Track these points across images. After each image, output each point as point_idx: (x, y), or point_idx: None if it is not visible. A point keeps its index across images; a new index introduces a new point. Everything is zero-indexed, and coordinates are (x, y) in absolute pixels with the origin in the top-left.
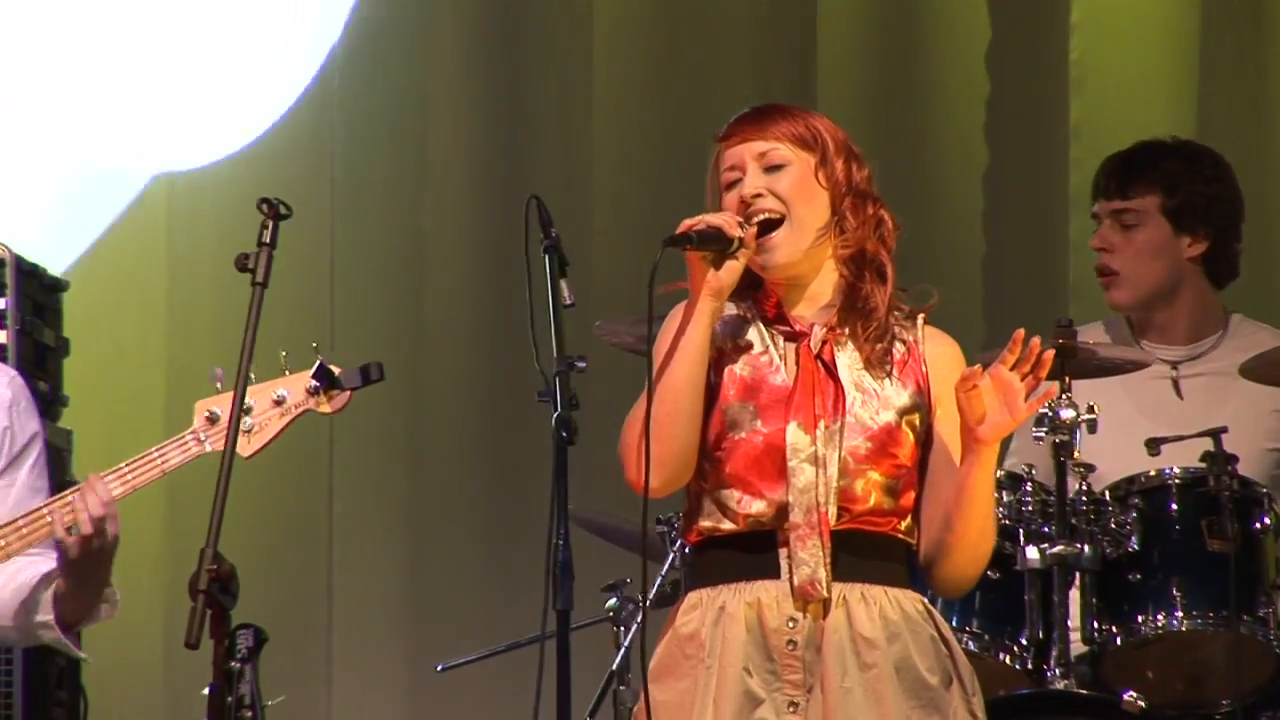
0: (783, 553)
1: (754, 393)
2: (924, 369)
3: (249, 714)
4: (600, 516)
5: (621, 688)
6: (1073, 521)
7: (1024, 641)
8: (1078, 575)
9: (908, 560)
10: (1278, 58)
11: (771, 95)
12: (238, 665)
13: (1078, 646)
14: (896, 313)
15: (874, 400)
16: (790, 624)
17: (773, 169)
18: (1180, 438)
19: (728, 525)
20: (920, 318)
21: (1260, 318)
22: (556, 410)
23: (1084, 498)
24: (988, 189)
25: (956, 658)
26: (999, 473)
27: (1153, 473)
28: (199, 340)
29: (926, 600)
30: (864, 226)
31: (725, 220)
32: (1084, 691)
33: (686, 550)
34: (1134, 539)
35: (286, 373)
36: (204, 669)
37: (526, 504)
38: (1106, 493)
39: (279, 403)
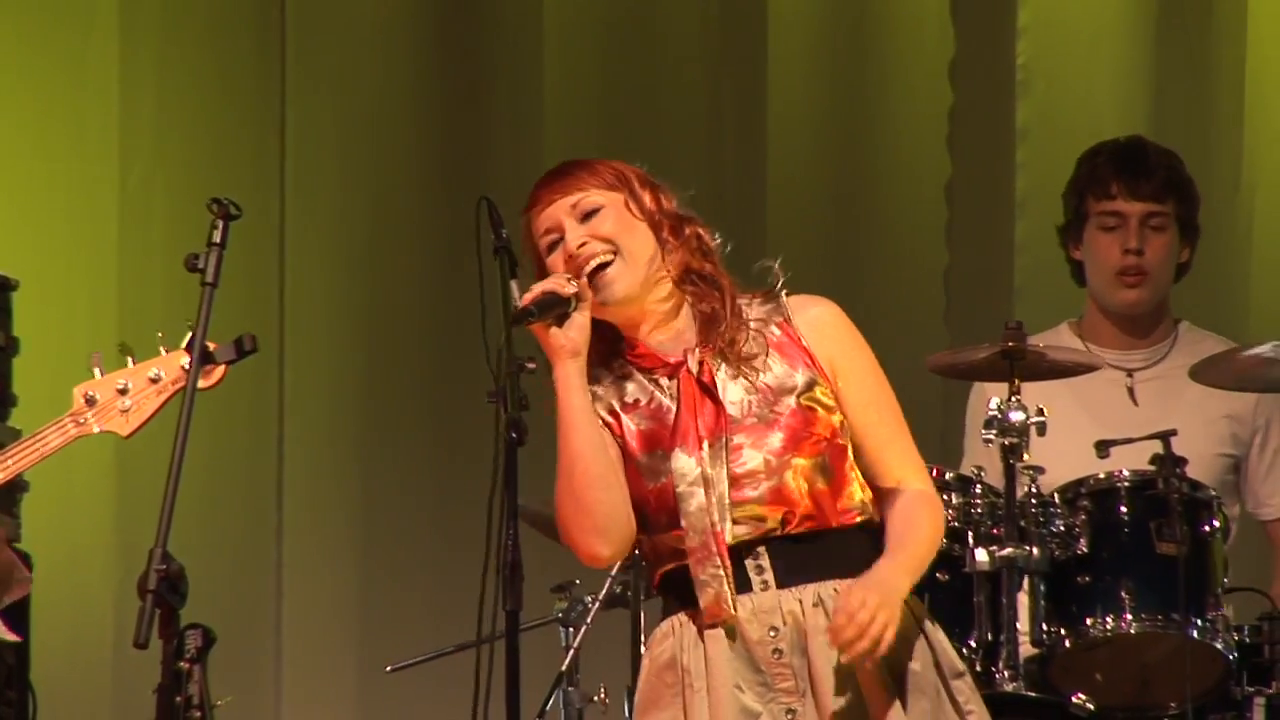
0: (750, 565)
1: (657, 440)
2: (803, 341)
3: (197, 714)
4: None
5: (570, 689)
6: (1022, 524)
7: (973, 644)
8: (1026, 578)
9: (877, 544)
10: (1227, 59)
11: (721, 98)
12: (186, 665)
13: (1026, 649)
14: (754, 304)
15: (769, 394)
16: (772, 633)
17: (588, 216)
18: (1129, 440)
19: (679, 563)
20: (782, 295)
21: (1204, 320)
22: (505, 411)
23: (1033, 500)
24: (949, 197)
25: (935, 643)
26: (948, 475)
27: (1102, 475)
28: (151, 339)
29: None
30: (684, 246)
31: (555, 282)
32: (1032, 694)
33: (634, 554)
34: (1083, 541)
35: (162, 351)
36: (153, 668)
37: (476, 504)
38: (1055, 495)
39: (154, 381)
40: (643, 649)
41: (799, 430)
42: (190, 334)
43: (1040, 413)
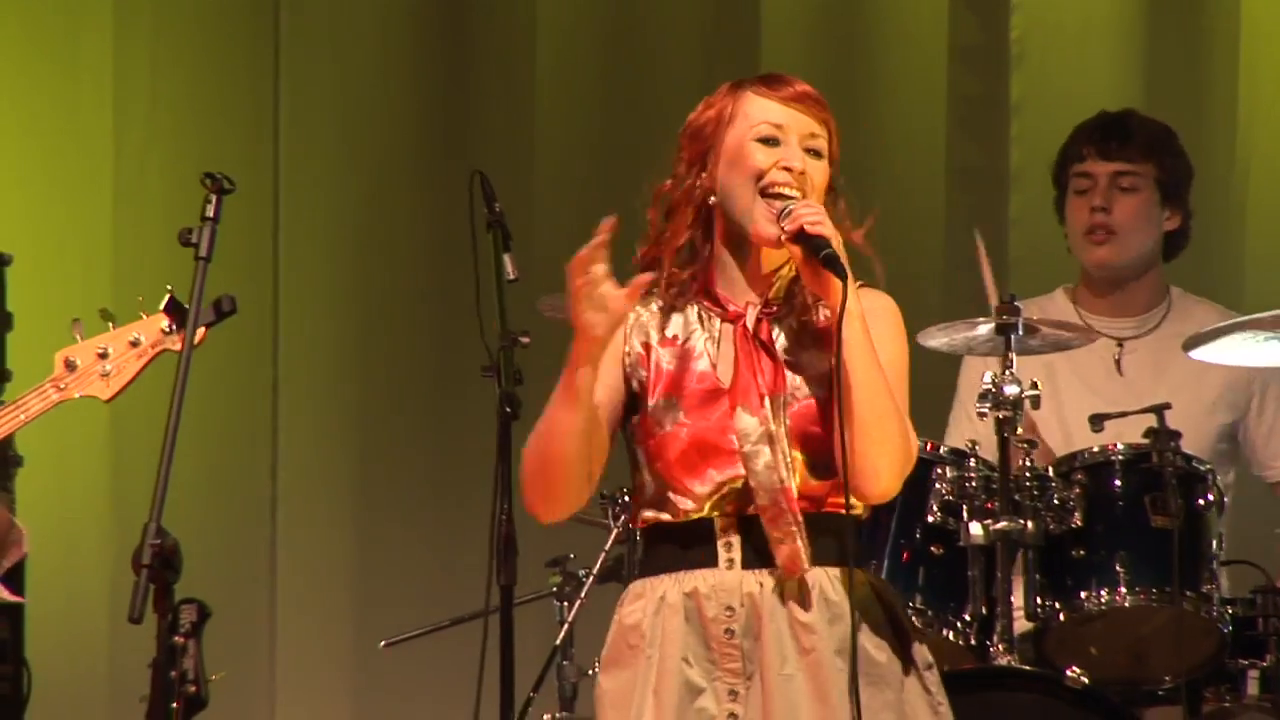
0: (720, 542)
1: (677, 386)
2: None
3: (192, 688)
4: None
5: (565, 663)
6: (1016, 498)
7: (967, 617)
8: (1021, 551)
9: (855, 537)
10: (1221, 33)
11: (714, 71)
12: (181, 640)
13: (1021, 623)
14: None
15: (796, 377)
16: (728, 613)
17: (810, 152)
18: (1123, 414)
19: (666, 517)
20: (853, 284)
21: (1197, 291)
22: (500, 385)
23: (1027, 474)
24: (949, 175)
25: (904, 633)
26: (942, 449)
27: (1096, 449)
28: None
29: (875, 577)
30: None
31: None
32: (1027, 667)
33: (629, 529)
34: (1077, 515)
35: (143, 315)
36: (148, 643)
37: (471, 479)
38: (1050, 469)
39: (134, 344)
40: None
41: (803, 424)
42: (169, 295)
43: (1034, 386)
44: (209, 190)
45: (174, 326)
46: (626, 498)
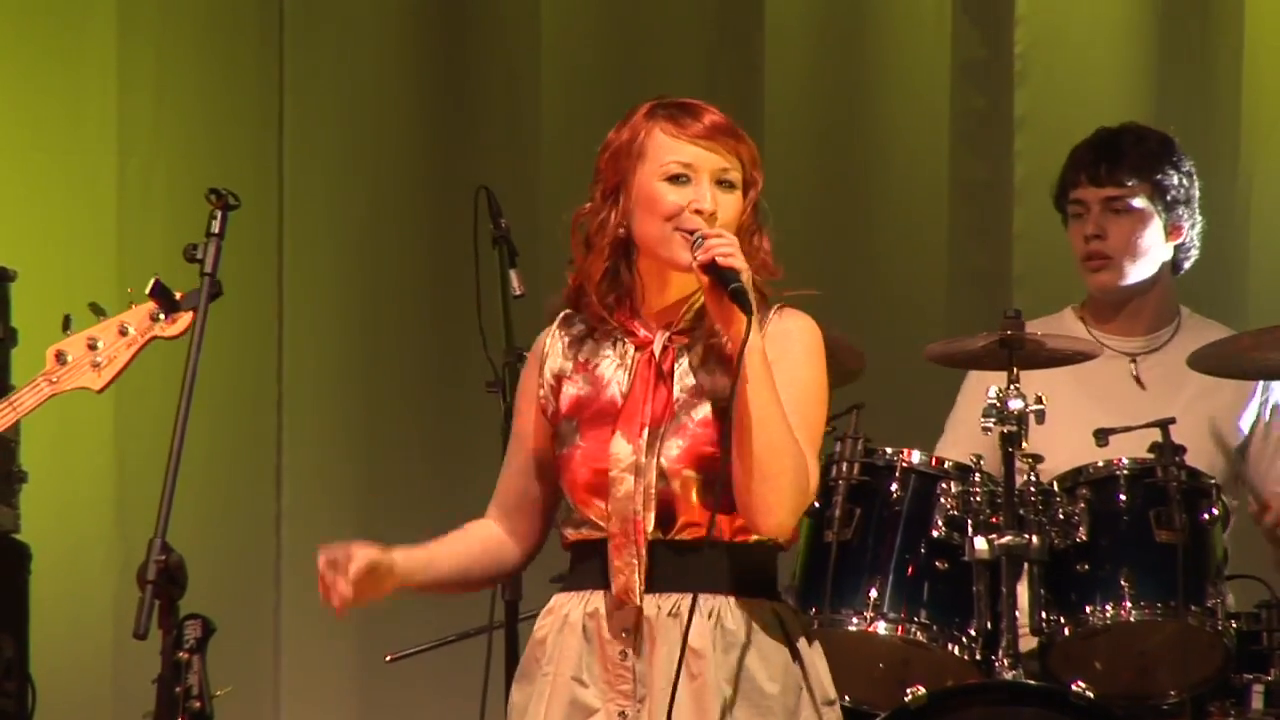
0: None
1: (581, 408)
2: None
3: (197, 704)
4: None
5: None
6: (1021, 512)
7: (972, 632)
8: (1026, 566)
9: (761, 565)
10: (1225, 47)
11: (718, 85)
12: (186, 655)
13: (1026, 637)
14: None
15: (698, 397)
16: (624, 634)
17: (722, 184)
18: (1129, 429)
19: (570, 533)
20: (774, 307)
21: (1203, 308)
22: (505, 400)
23: (1032, 489)
24: (952, 189)
25: (808, 666)
26: (947, 464)
27: (1101, 464)
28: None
29: (785, 608)
30: (754, 258)
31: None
32: (1032, 682)
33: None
34: (1082, 530)
35: (132, 306)
36: (153, 659)
37: (475, 494)
38: (1055, 484)
39: (124, 333)
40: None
41: (699, 442)
42: (154, 280)
43: (1039, 400)
44: (214, 206)
45: (162, 312)
46: None
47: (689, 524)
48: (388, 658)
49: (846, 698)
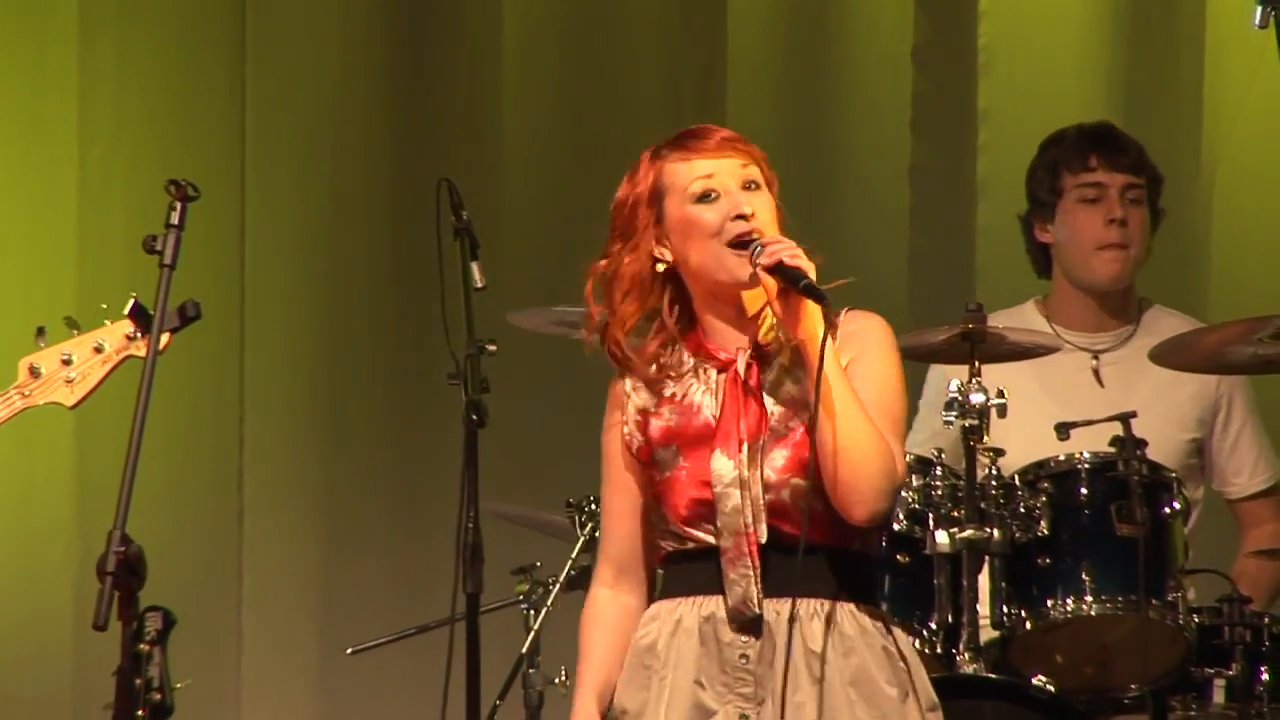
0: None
1: (676, 435)
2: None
3: (157, 696)
4: (520, 510)
5: (531, 671)
6: (982, 506)
7: (933, 625)
8: (987, 559)
9: (866, 574)
10: (1187, 39)
11: (681, 80)
12: (146, 647)
13: (987, 631)
14: None
15: (792, 407)
16: (744, 639)
17: (749, 186)
18: (1089, 422)
19: (671, 545)
20: (842, 312)
21: (1171, 302)
22: (466, 393)
23: (993, 482)
24: (913, 182)
25: (913, 671)
26: (908, 456)
27: (1062, 457)
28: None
29: (885, 613)
30: None
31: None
32: (993, 676)
33: (594, 537)
34: (1043, 523)
35: (107, 322)
36: (112, 651)
37: (437, 488)
38: (1016, 477)
39: (99, 350)
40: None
41: (804, 449)
42: (132, 301)
43: (1000, 394)
44: (173, 197)
45: (138, 332)
46: (593, 505)
47: (797, 531)
48: (349, 650)
49: None
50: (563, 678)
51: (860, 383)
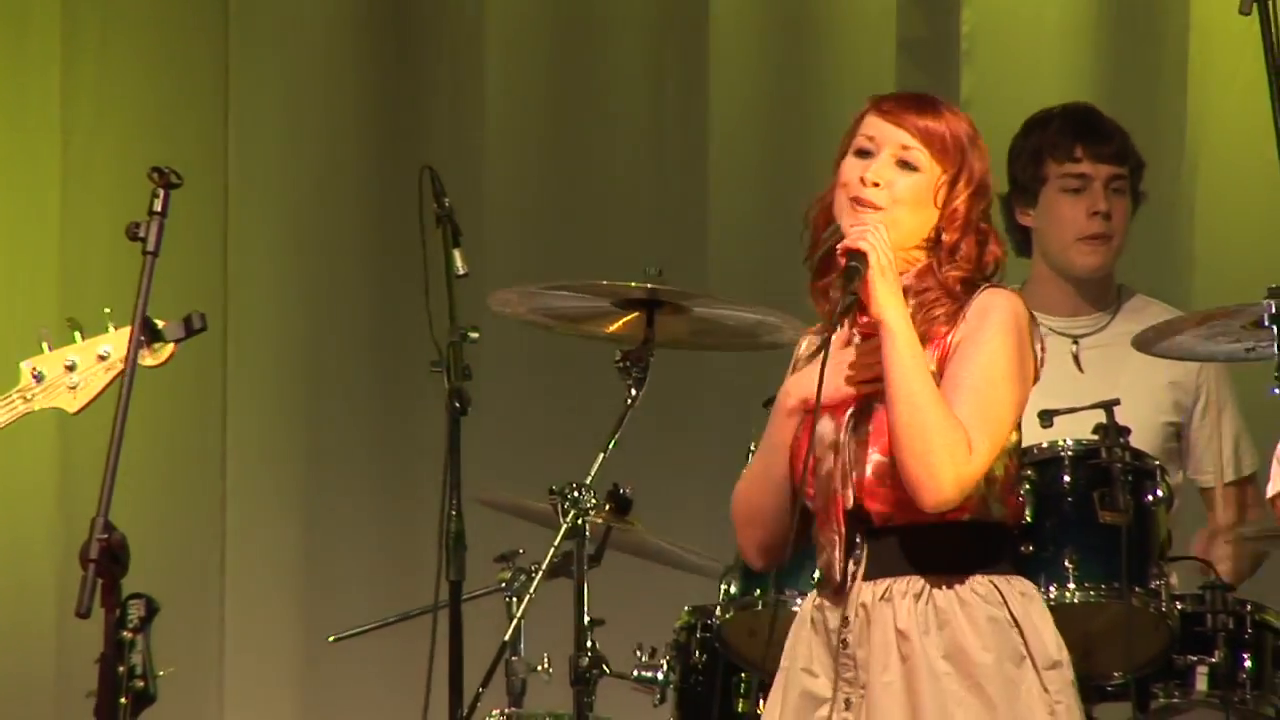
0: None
1: (806, 402)
2: (955, 335)
3: (140, 684)
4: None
5: (514, 658)
6: None
7: None
8: None
9: (974, 543)
10: (1171, 28)
11: (664, 67)
12: (129, 634)
13: None
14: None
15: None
16: (844, 623)
17: (904, 165)
18: (1073, 410)
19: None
20: (982, 286)
21: (1148, 290)
22: (449, 380)
23: None
24: None
25: (1028, 632)
26: None
27: (1045, 445)
28: (91, 309)
29: (1007, 580)
30: (950, 255)
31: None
32: None
33: (580, 523)
34: (1026, 511)
35: (111, 328)
36: (95, 638)
37: (421, 475)
38: None
39: (103, 358)
40: (585, 619)
41: (882, 423)
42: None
43: None
44: (156, 185)
45: (144, 340)
46: (577, 493)
47: (887, 510)
48: (331, 638)
49: None
50: (545, 665)
51: (960, 363)
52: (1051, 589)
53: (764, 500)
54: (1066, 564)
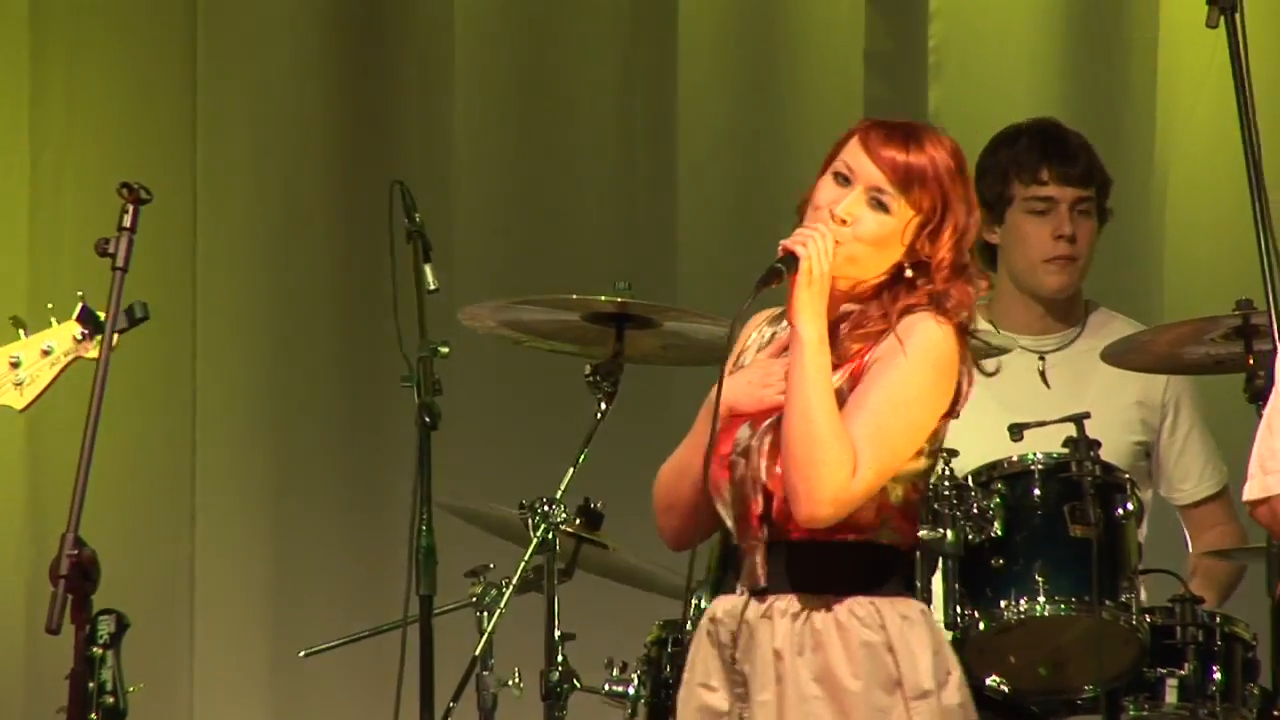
0: (744, 567)
1: (731, 409)
2: (874, 353)
3: (110, 699)
4: (468, 503)
5: (484, 673)
6: (935, 507)
7: None
8: (940, 560)
9: (861, 564)
10: (1139, 43)
11: (633, 82)
12: (99, 651)
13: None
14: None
15: None
16: (731, 638)
17: (875, 203)
18: (1043, 423)
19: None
20: (915, 311)
21: (1118, 303)
22: (419, 396)
23: (947, 483)
24: None
25: (903, 661)
26: None
27: (1015, 458)
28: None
29: (889, 602)
30: (913, 290)
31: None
32: None
33: (550, 537)
34: (997, 524)
35: (54, 322)
36: (65, 654)
37: (390, 490)
38: (969, 478)
39: (47, 353)
40: (556, 634)
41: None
42: (81, 304)
43: None
44: (126, 200)
45: (86, 334)
46: (547, 506)
47: (783, 529)
48: (302, 653)
49: None
50: (516, 680)
51: (867, 384)
52: (1022, 602)
53: (682, 491)
54: (1037, 577)
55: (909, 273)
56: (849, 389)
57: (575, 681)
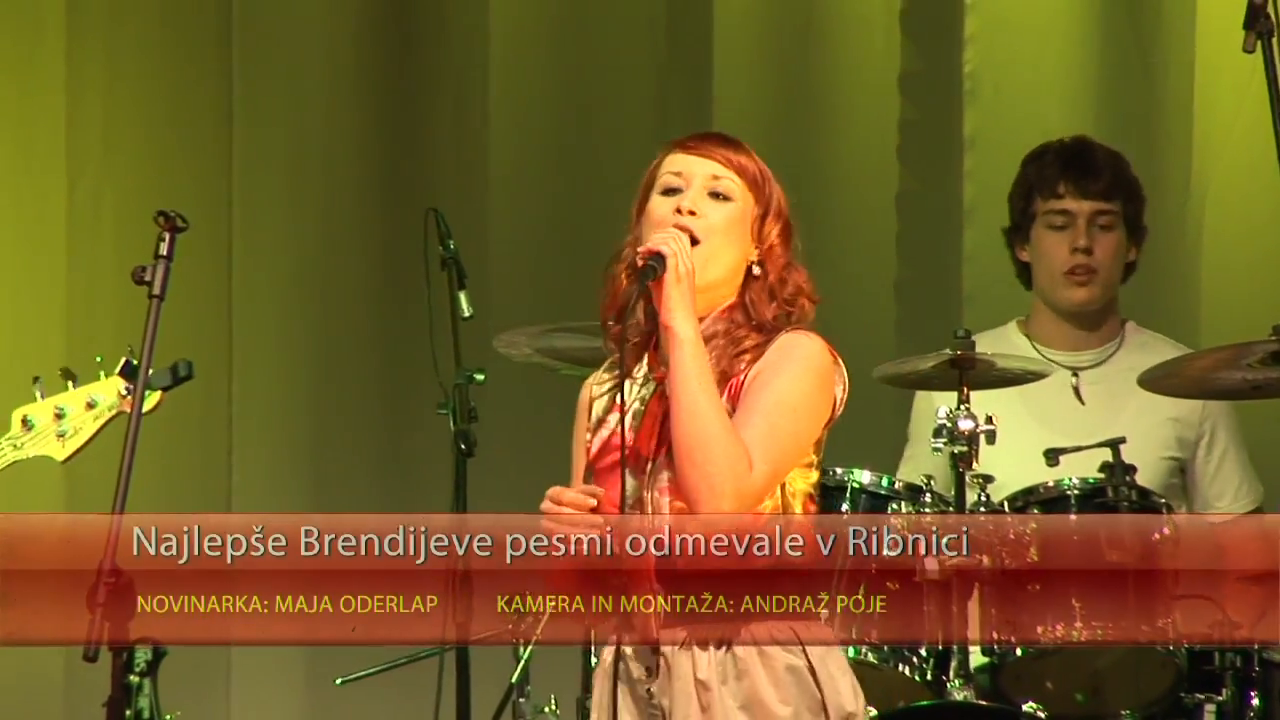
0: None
1: (600, 455)
2: (753, 370)
3: None
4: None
5: (520, 700)
6: (972, 532)
7: (923, 652)
8: (977, 586)
9: (780, 589)
10: (1175, 64)
11: (668, 107)
12: (136, 679)
13: (977, 657)
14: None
15: None
16: (646, 673)
17: (716, 195)
18: (1079, 448)
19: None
20: (784, 330)
21: (1155, 323)
22: (454, 423)
23: (983, 508)
24: (899, 209)
25: (825, 684)
26: (897, 483)
27: (1051, 483)
28: (97, 354)
29: (808, 627)
30: (762, 288)
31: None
32: (984, 702)
33: None
34: (1033, 550)
35: (101, 376)
36: (103, 683)
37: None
38: (1005, 504)
39: (91, 406)
40: (593, 660)
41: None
42: (125, 359)
43: (989, 421)
44: (162, 228)
45: (131, 389)
46: None
47: (695, 557)
48: (338, 681)
49: None
50: (553, 706)
51: (754, 391)
52: (1058, 628)
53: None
54: (1074, 603)
55: (756, 270)
56: (732, 409)
57: None
